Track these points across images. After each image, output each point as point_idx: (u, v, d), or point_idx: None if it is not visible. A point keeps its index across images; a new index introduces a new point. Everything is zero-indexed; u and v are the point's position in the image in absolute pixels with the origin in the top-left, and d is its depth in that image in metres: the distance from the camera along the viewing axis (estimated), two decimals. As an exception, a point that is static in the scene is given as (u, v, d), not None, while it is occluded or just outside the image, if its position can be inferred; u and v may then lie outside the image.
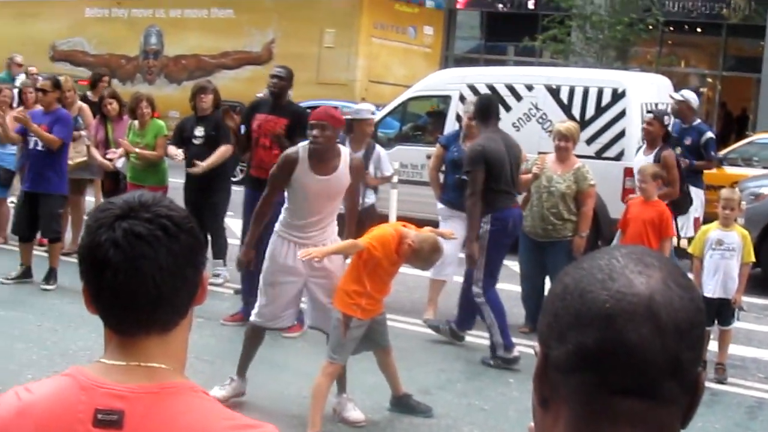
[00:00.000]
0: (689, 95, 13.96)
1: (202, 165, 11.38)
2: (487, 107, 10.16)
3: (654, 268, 1.49)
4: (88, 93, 14.83)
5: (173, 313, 2.08)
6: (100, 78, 14.81)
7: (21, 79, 16.83)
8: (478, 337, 10.30)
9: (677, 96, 13.82)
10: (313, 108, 14.43)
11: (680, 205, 11.53)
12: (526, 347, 9.66)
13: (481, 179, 9.53)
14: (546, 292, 1.61)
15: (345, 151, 8.03)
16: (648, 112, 12.17)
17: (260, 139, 10.48)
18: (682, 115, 13.71)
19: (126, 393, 1.97)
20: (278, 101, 10.60)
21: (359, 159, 8.05)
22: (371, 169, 10.98)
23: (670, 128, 12.04)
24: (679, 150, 13.63)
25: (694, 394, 1.50)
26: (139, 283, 2.00)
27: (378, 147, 11.39)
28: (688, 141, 13.61)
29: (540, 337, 1.56)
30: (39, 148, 11.72)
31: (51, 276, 11.72)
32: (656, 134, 11.54)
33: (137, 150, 12.10)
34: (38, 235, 12.35)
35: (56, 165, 11.84)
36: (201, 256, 2.15)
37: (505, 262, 11.18)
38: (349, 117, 11.01)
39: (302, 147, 7.88)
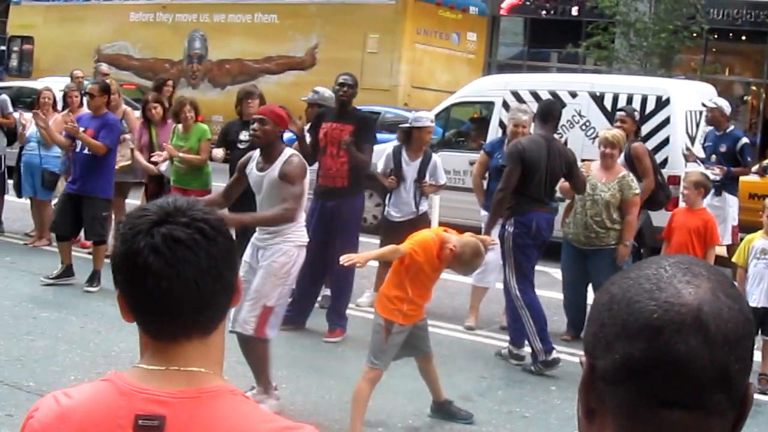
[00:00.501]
0: (722, 102, 13.92)
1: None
2: (549, 110, 10.16)
3: (702, 277, 1.47)
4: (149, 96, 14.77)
5: (214, 317, 2.08)
6: (164, 82, 14.62)
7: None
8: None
9: (709, 103, 13.78)
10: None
11: (656, 198, 11.41)
12: (569, 355, 9.63)
13: (515, 177, 9.51)
14: (588, 300, 1.60)
15: (287, 152, 8.06)
16: (618, 110, 12.09)
17: (327, 148, 10.47)
18: (716, 122, 13.70)
19: (167, 398, 1.97)
20: (344, 108, 10.62)
21: (295, 164, 7.91)
22: (426, 176, 11.02)
23: (703, 135, 12.01)
24: (714, 158, 13.60)
25: (743, 406, 1.48)
26: (182, 288, 2.00)
27: (434, 155, 11.37)
28: (723, 148, 13.58)
29: (586, 347, 1.54)
30: (86, 151, 11.78)
31: (95, 278, 11.76)
32: (629, 131, 11.42)
33: (181, 154, 12.14)
34: (81, 237, 12.43)
35: (103, 168, 11.90)
36: (236, 257, 2.14)
37: (548, 269, 11.16)
38: (407, 125, 11.06)
39: None
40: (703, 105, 14.07)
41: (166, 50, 29.16)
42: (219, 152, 11.81)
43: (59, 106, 14.58)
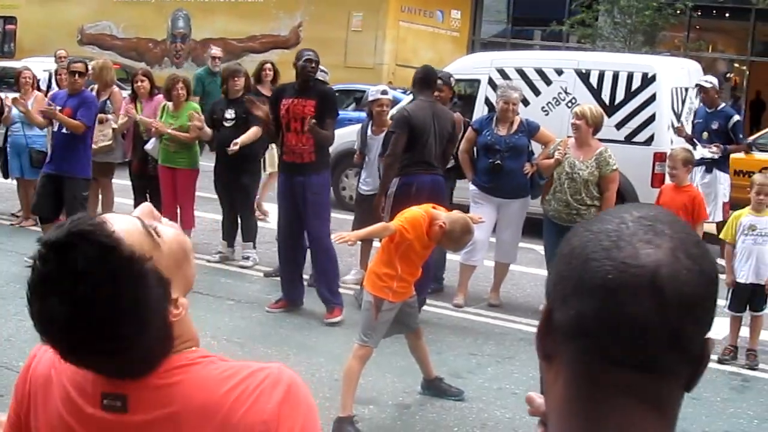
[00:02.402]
0: (713, 80, 14.05)
1: (237, 142, 11.43)
2: (428, 76, 10.60)
3: (664, 237, 1.44)
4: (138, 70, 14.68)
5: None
6: (262, 67, 14.33)
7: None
8: (510, 321, 10.32)
9: (705, 83, 13.89)
10: (339, 92, 14.42)
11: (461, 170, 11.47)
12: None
13: (402, 142, 10.03)
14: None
15: None
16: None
17: (291, 123, 10.31)
18: (709, 100, 13.80)
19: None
20: (306, 84, 10.40)
21: None
22: None
23: (689, 112, 12.00)
24: (706, 135, 13.66)
25: (698, 363, 1.46)
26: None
27: None
28: (715, 125, 13.69)
29: (546, 293, 1.53)
30: (64, 131, 11.65)
31: None
32: (445, 98, 11.40)
33: (171, 131, 12.11)
34: (62, 216, 12.38)
35: (80, 148, 11.73)
36: None
37: (535, 246, 11.18)
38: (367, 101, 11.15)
39: None
40: (698, 85, 14.14)
41: (149, 30, 29.12)
42: (208, 130, 11.79)
43: (43, 86, 14.52)
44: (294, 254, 10.58)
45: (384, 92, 11.44)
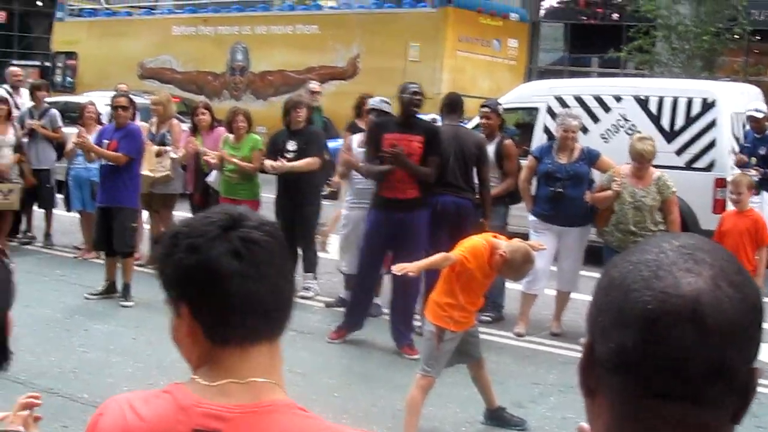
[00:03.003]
0: (764, 108, 14.16)
1: (286, 165, 11.47)
2: (452, 102, 11.13)
3: (704, 265, 1.43)
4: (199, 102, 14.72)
5: (286, 319, 2.10)
6: (363, 101, 13.79)
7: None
8: (573, 350, 10.25)
9: (757, 114, 14.08)
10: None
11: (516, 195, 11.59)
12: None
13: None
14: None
15: None
16: (482, 106, 12.04)
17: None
18: (758, 127, 13.89)
19: (224, 413, 1.96)
20: (410, 118, 10.24)
21: None
22: None
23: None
24: (754, 160, 13.66)
25: (746, 394, 1.44)
26: (266, 289, 2.02)
27: None
28: (762, 151, 13.77)
29: (587, 327, 1.52)
30: (110, 162, 11.79)
31: (128, 291, 11.71)
32: (494, 126, 11.53)
33: (235, 160, 12.19)
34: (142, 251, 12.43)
35: (127, 179, 11.82)
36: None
37: (593, 273, 11.10)
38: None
39: None
40: (749, 117, 14.16)
41: (209, 63, 29.33)
42: (274, 165, 11.80)
43: (104, 120, 14.68)
44: (374, 286, 10.67)
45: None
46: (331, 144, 14.84)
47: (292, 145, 11.84)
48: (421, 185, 10.10)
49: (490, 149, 11.16)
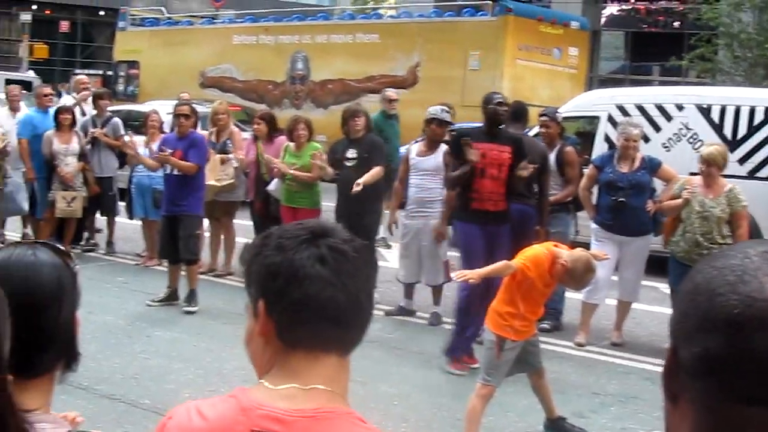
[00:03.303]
0: None
1: (360, 182, 11.49)
2: (516, 111, 11.15)
3: None
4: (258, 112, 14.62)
5: (360, 336, 2.13)
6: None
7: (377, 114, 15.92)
8: (634, 360, 10.19)
9: None
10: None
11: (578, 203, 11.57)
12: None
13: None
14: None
15: None
16: (540, 115, 11.96)
17: (487, 170, 9.97)
18: None
19: (283, 416, 1.99)
20: (497, 129, 10.14)
21: None
22: None
23: None
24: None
25: None
26: (345, 300, 2.05)
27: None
28: None
29: (671, 333, 1.50)
30: (175, 172, 11.91)
31: (192, 297, 11.80)
32: (554, 134, 11.54)
33: (292, 171, 12.24)
34: (202, 259, 12.48)
35: (193, 187, 11.98)
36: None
37: (657, 284, 11.06)
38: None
39: None
40: None
41: (269, 71, 29.44)
42: (330, 170, 11.89)
43: (167, 128, 14.81)
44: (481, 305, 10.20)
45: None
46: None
47: (352, 153, 11.87)
48: (507, 198, 10.08)
49: (551, 157, 11.14)
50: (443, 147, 11.46)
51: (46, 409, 2.51)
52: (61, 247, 2.66)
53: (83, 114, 15.89)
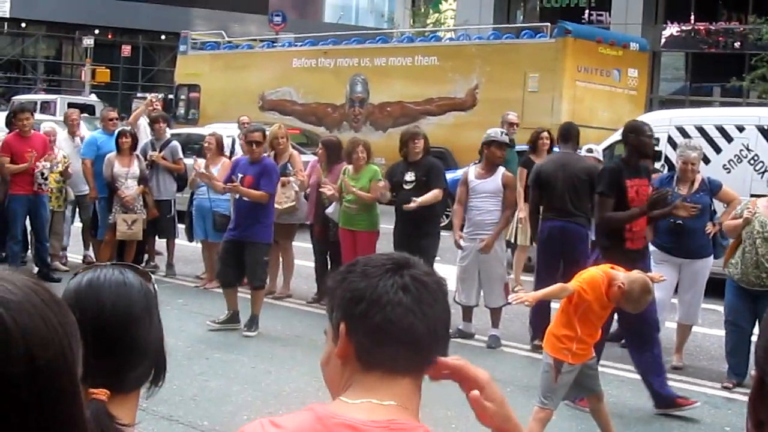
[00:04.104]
0: None
1: (417, 201, 11.53)
2: (569, 131, 11.86)
3: None
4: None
5: (431, 362, 2.20)
6: (539, 136, 14.28)
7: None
8: (694, 384, 10.10)
9: None
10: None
11: None
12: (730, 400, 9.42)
13: (536, 194, 11.40)
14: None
15: None
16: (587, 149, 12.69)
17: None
18: None
19: (357, 425, 2.05)
20: (639, 162, 9.84)
21: None
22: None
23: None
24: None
25: None
26: (424, 328, 2.15)
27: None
28: None
29: (756, 360, 1.50)
30: (246, 198, 11.89)
31: (253, 323, 11.82)
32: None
33: (354, 189, 12.28)
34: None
35: (263, 214, 11.95)
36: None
37: (714, 306, 10.98)
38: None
39: None
40: None
41: (328, 94, 29.56)
42: (386, 192, 11.92)
43: (226, 151, 14.92)
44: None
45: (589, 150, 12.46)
46: (449, 175, 14.86)
47: (410, 176, 11.89)
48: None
49: None
50: (502, 169, 11.51)
51: (132, 425, 2.66)
52: (142, 269, 2.77)
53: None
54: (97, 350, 2.56)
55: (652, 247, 10.94)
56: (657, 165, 11.58)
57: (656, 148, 11.90)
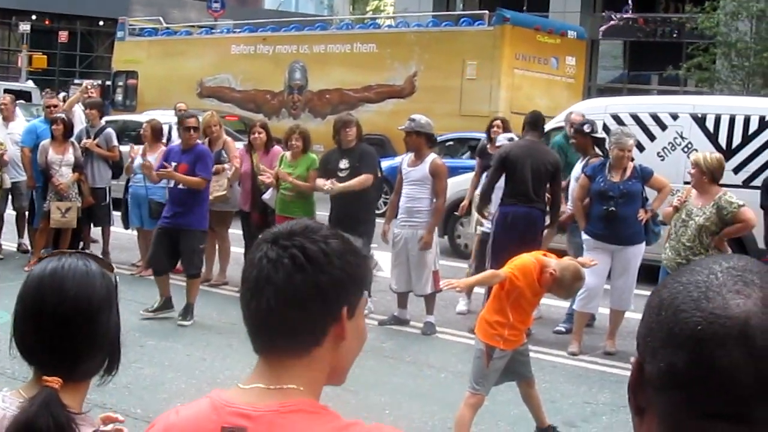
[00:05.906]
0: None
1: (341, 185, 11.54)
2: (536, 119, 12.01)
3: (754, 286, 1.44)
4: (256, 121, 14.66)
5: (292, 341, 2.13)
6: (491, 125, 14.14)
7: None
8: (626, 370, 10.18)
9: None
10: (454, 140, 14.47)
11: None
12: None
13: (495, 176, 11.44)
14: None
15: None
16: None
17: None
18: None
19: (251, 412, 2.05)
20: None
21: None
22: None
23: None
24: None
25: None
26: (258, 305, 2.10)
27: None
28: None
29: (637, 347, 1.53)
30: (180, 186, 11.80)
31: (188, 312, 11.73)
32: (583, 145, 11.81)
33: (291, 179, 12.25)
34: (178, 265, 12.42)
35: (198, 201, 11.85)
36: (336, 293, 2.13)
37: (647, 292, 11.04)
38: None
39: None
40: None
41: (267, 81, 29.48)
42: (327, 183, 11.82)
43: (164, 138, 14.82)
44: None
45: (510, 139, 12.15)
46: (386, 162, 14.88)
47: (344, 164, 11.87)
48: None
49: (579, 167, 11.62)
50: (430, 158, 11.52)
51: (79, 410, 2.65)
52: (105, 260, 2.78)
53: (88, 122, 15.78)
54: (55, 338, 2.61)
55: (584, 235, 11.04)
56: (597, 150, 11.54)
57: (599, 135, 11.87)
